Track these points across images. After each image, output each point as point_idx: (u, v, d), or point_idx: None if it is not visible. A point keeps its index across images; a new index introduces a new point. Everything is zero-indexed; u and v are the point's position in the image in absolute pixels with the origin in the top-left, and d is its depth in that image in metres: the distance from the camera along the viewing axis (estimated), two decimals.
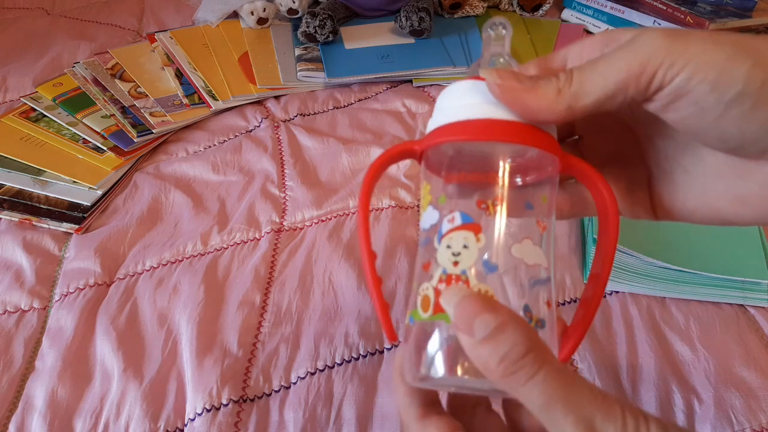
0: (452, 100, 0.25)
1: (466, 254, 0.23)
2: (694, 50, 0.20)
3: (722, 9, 0.78)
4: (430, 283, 0.24)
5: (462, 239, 0.23)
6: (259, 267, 0.52)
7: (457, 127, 0.24)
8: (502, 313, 0.20)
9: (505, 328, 0.20)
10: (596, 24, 0.86)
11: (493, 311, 0.20)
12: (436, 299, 0.23)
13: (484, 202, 0.24)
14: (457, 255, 0.23)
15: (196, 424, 0.41)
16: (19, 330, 0.49)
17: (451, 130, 0.24)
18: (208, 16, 0.88)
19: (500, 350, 0.20)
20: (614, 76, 0.21)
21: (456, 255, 0.23)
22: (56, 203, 0.60)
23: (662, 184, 0.27)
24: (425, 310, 0.23)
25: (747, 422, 0.41)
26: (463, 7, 0.88)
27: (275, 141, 0.68)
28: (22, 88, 0.77)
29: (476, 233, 0.23)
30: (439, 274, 0.23)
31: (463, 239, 0.23)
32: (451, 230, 0.24)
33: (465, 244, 0.23)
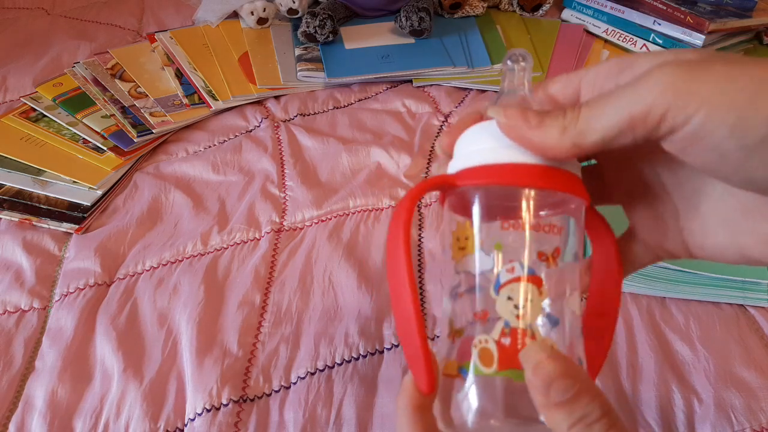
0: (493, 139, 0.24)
1: (530, 307, 0.23)
2: (708, 90, 0.19)
3: (722, 9, 0.78)
4: (490, 335, 0.23)
5: (524, 291, 0.23)
6: (259, 267, 0.52)
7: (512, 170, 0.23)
8: (580, 379, 0.21)
9: (582, 397, 0.20)
10: (596, 24, 0.86)
11: (572, 377, 0.21)
12: (500, 354, 0.22)
13: (544, 254, 0.24)
14: (521, 308, 0.23)
15: (196, 424, 0.41)
16: (19, 330, 0.49)
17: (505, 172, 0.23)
18: (208, 16, 0.88)
19: (574, 416, 0.20)
20: (618, 116, 0.20)
21: (518, 308, 0.23)
22: (56, 203, 0.60)
23: (692, 220, 0.26)
24: (487, 365, 0.22)
25: (747, 422, 0.41)
26: (463, 7, 0.88)
27: (275, 141, 0.68)
28: (22, 88, 0.77)
29: (539, 286, 0.23)
30: (501, 327, 0.23)
31: (526, 292, 0.23)
32: (512, 281, 0.23)
33: (529, 297, 0.23)
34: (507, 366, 0.22)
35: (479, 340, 0.23)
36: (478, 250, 0.24)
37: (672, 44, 0.77)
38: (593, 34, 0.86)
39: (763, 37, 0.84)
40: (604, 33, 0.85)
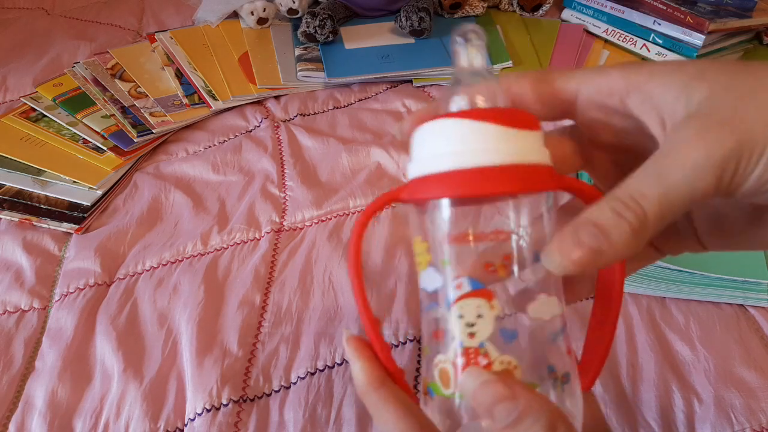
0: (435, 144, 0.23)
1: (482, 324, 0.22)
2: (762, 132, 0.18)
3: (722, 9, 0.78)
4: (446, 356, 0.22)
5: (475, 308, 0.22)
6: (259, 267, 0.52)
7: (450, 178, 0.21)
8: (523, 397, 0.20)
9: (526, 416, 0.20)
10: (596, 24, 0.86)
11: (513, 398, 0.20)
12: (455, 375, 0.22)
13: (492, 265, 0.22)
14: (472, 326, 0.22)
15: (196, 424, 0.41)
16: (19, 330, 0.49)
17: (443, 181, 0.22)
18: (208, 16, 0.88)
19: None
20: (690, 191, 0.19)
21: (470, 326, 0.22)
22: (56, 203, 0.60)
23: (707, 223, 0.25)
24: (446, 386, 0.22)
25: (747, 422, 0.41)
26: (463, 7, 0.88)
27: (275, 141, 0.68)
28: (22, 88, 0.77)
29: (489, 300, 0.22)
30: (455, 348, 0.22)
31: (476, 308, 0.22)
32: (461, 297, 0.22)
33: (479, 314, 0.22)
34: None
35: (438, 360, 0.23)
36: (428, 269, 0.23)
37: (672, 44, 0.77)
38: (593, 34, 0.86)
39: (763, 37, 0.84)
40: (604, 33, 0.85)
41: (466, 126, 0.22)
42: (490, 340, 0.22)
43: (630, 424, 0.41)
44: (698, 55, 0.75)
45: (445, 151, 0.22)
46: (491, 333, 0.22)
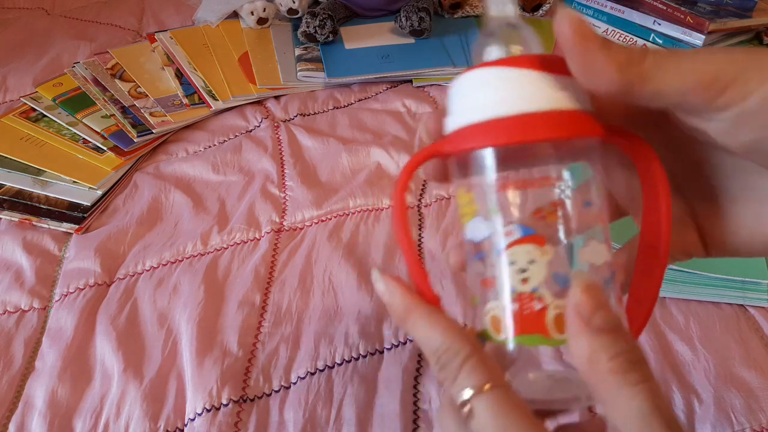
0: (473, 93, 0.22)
1: (534, 269, 0.21)
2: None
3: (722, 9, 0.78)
4: (497, 302, 0.22)
5: (526, 254, 0.22)
6: (259, 267, 0.52)
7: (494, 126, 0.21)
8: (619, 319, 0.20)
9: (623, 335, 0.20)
10: (596, 24, 0.86)
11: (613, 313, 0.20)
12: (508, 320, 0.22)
13: (541, 211, 0.22)
14: (524, 271, 0.22)
15: (196, 424, 0.41)
16: (19, 330, 0.49)
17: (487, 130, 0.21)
18: (208, 16, 0.88)
19: (618, 346, 0.19)
20: (685, 74, 0.19)
21: (523, 271, 0.22)
22: (56, 203, 0.60)
23: (708, 217, 0.25)
24: (498, 332, 0.22)
25: (747, 422, 0.41)
26: (463, 7, 0.88)
27: (275, 141, 0.68)
28: (22, 88, 0.77)
29: (540, 245, 0.22)
30: (507, 293, 0.22)
31: (528, 253, 0.22)
32: (512, 243, 0.22)
33: (531, 259, 0.22)
34: (518, 332, 0.22)
35: (489, 307, 0.22)
36: (478, 219, 0.23)
37: (672, 44, 0.77)
38: None
39: (763, 37, 0.84)
40: (604, 33, 0.85)
41: (506, 73, 0.21)
42: (543, 284, 0.21)
43: None
44: None
45: (486, 101, 0.22)
46: (544, 277, 0.21)
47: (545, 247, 0.22)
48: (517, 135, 0.21)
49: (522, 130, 0.21)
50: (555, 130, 0.21)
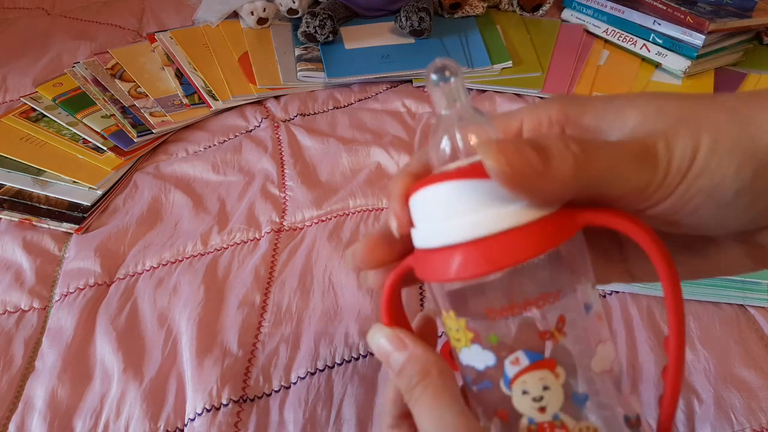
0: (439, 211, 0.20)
1: (550, 396, 0.20)
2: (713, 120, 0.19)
3: (722, 9, 0.78)
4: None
5: (539, 380, 0.20)
6: (259, 267, 0.52)
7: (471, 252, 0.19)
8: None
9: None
10: (596, 24, 0.86)
11: None
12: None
13: (547, 332, 0.21)
14: (540, 399, 0.20)
15: (196, 424, 0.41)
16: (19, 330, 0.49)
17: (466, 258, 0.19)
18: (208, 16, 0.88)
19: None
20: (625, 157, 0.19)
21: (539, 400, 0.20)
22: (56, 203, 0.60)
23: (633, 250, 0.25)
24: None
25: (747, 422, 0.41)
26: (463, 7, 0.88)
27: (275, 141, 0.68)
28: (22, 88, 0.77)
29: (552, 369, 0.20)
30: (527, 425, 0.20)
31: (541, 380, 0.20)
32: (521, 372, 0.20)
33: (545, 385, 0.20)
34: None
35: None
36: (473, 346, 0.21)
37: (672, 44, 0.77)
38: (593, 34, 0.86)
39: (763, 37, 0.84)
40: (604, 33, 0.85)
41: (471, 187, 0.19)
42: (563, 410, 0.20)
43: None
44: (698, 55, 0.75)
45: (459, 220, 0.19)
46: (562, 402, 0.20)
47: (557, 370, 0.20)
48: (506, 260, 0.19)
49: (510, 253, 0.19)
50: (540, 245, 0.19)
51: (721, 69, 0.79)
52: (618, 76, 0.78)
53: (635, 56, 0.81)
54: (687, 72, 0.76)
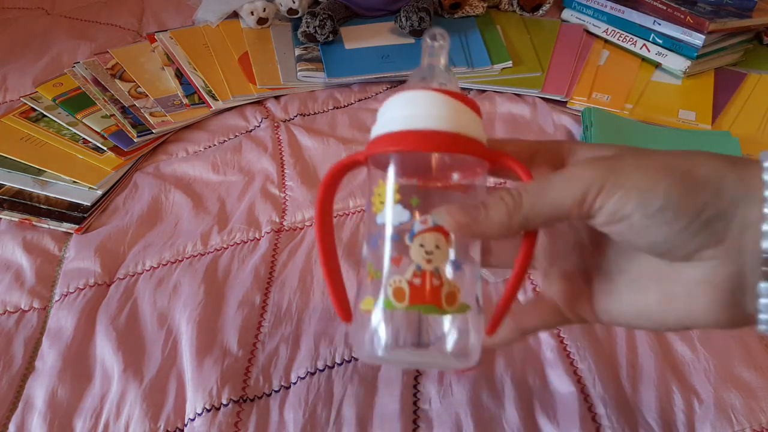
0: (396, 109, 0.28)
1: (438, 254, 0.27)
2: (624, 178, 0.24)
3: (722, 9, 0.78)
4: (403, 276, 0.27)
5: (434, 240, 0.27)
6: (259, 267, 0.52)
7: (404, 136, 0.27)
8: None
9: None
10: (596, 24, 0.86)
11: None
12: (411, 291, 0.27)
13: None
14: (430, 254, 0.27)
15: (196, 424, 0.41)
16: (19, 330, 0.49)
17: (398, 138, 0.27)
18: (208, 16, 0.88)
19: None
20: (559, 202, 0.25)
21: (429, 254, 0.27)
22: (56, 203, 0.60)
23: (602, 285, 0.30)
24: (399, 301, 0.27)
25: (747, 422, 0.41)
26: (463, 7, 0.88)
27: (275, 141, 0.68)
28: (22, 88, 0.77)
29: (446, 236, 0.27)
30: (413, 270, 0.27)
31: (435, 240, 0.27)
32: (425, 231, 0.27)
33: (437, 245, 0.27)
34: (416, 302, 0.27)
35: (393, 280, 0.27)
36: (396, 205, 0.28)
37: (672, 44, 0.77)
38: (593, 34, 0.86)
39: (763, 37, 0.84)
40: (604, 33, 0.85)
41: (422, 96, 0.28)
42: (442, 266, 0.27)
43: (630, 424, 0.41)
44: (698, 55, 0.75)
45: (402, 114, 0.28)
46: (444, 261, 0.27)
47: (449, 239, 0.27)
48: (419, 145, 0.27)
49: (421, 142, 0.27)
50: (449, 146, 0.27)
51: (721, 69, 0.79)
52: (618, 76, 0.78)
53: (635, 56, 0.81)
54: (687, 72, 0.76)
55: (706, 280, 0.25)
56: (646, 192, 0.24)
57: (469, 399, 0.42)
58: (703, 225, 0.24)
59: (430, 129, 0.27)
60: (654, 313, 0.27)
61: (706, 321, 0.25)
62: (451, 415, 0.41)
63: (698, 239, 0.24)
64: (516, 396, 0.42)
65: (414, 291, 0.27)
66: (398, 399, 0.42)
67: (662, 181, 0.24)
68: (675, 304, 0.26)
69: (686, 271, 0.25)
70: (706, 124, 0.69)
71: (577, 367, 0.44)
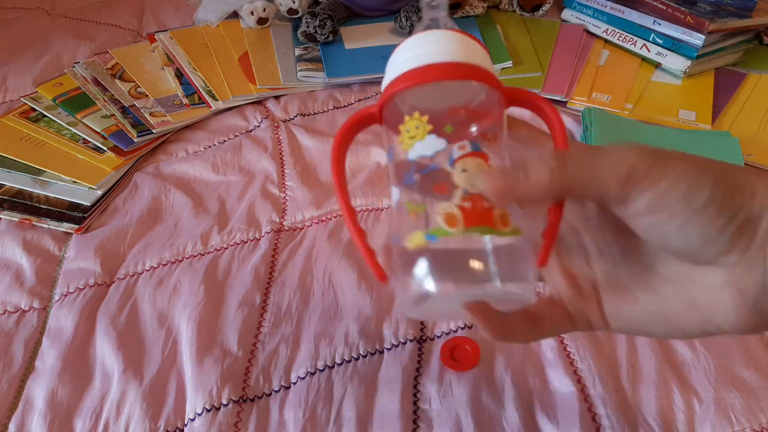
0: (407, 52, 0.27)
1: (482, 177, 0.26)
2: (672, 164, 0.23)
3: (722, 9, 0.78)
4: (451, 202, 0.25)
5: (476, 164, 0.26)
6: (259, 267, 0.52)
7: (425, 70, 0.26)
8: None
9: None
10: (596, 24, 0.86)
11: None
12: (464, 215, 0.25)
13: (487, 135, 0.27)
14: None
15: (196, 424, 0.41)
16: (19, 330, 0.49)
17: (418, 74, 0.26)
18: (208, 16, 0.88)
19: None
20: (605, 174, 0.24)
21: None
22: (56, 203, 0.60)
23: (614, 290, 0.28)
24: (453, 226, 0.25)
25: (747, 422, 0.41)
26: (463, 7, 0.88)
27: (275, 141, 0.68)
28: (22, 88, 0.77)
29: (486, 159, 0.27)
30: (461, 194, 0.26)
31: (477, 164, 0.26)
32: (464, 156, 0.26)
33: (480, 169, 0.26)
34: (472, 224, 0.25)
35: (442, 207, 0.25)
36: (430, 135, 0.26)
37: (672, 44, 0.77)
38: (593, 34, 0.86)
39: (763, 37, 0.84)
40: (604, 33, 0.85)
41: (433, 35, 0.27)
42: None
43: (630, 424, 0.41)
44: (698, 55, 0.75)
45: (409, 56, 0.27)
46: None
47: (489, 162, 0.27)
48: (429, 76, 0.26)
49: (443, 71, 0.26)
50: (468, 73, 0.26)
51: (721, 69, 0.79)
52: (618, 76, 0.78)
53: (635, 56, 0.81)
54: (687, 72, 0.76)
55: (732, 285, 0.24)
56: (694, 183, 0.23)
57: (469, 399, 0.42)
58: (737, 227, 0.23)
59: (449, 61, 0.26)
60: (673, 319, 0.26)
61: (729, 326, 0.25)
62: (451, 415, 0.41)
63: (730, 241, 0.23)
64: (516, 396, 0.42)
65: (467, 214, 0.25)
66: (398, 399, 0.42)
67: (709, 176, 0.23)
68: (697, 309, 0.25)
69: (709, 275, 0.25)
70: (706, 124, 0.69)
71: (577, 367, 0.44)
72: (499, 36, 0.84)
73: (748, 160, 0.63)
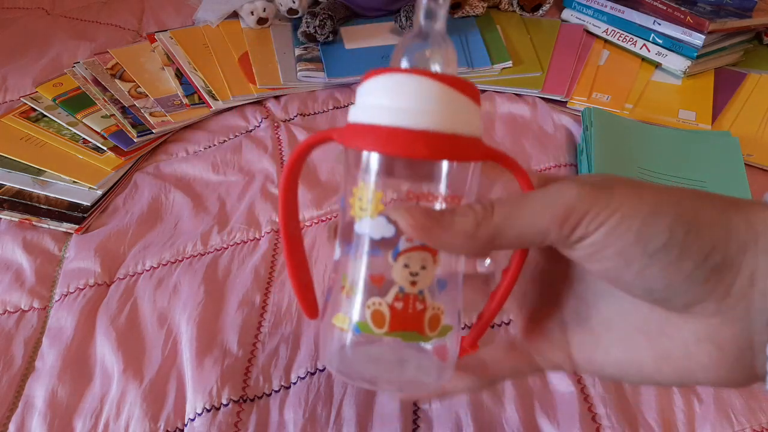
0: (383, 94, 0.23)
1: (424, 275, 0.24)
2: (618, 201, 0.20)
3: (722, 9, 0.78)
4: (384, 298, 0.24)
5: (420, 260, 0.24)
6: (259, 267, 0.52)
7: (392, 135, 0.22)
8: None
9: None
10: (596, 24, 0.86)
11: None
12: (392, 316, 0.24)
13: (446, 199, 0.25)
14: (416, 275, 0.24)
15: (196, 424, 0.41)
16: (19, 330, 0.49)
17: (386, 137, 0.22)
18: (208, 16, 0.88)
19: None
20: (537, 219, 0.21)
21: (414, 275, 0.24)
22: (56, 203, 0.60)
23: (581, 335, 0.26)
24: (378, 326, 0.24)
25: (747, 422, 0.41)
26: (463, 7, 0.88)
27: (275, 141, 0.68)
28: (22, 88, 0.77)
29: (434, 255, 0.24)
30: (396, 293, 0.24)
31: (422, 260, 0.24)
32: (410, 249, 0.24)
33: (423, 265, 0.24)
34: (397, 328, 0.24)
35: (373, 302, 0.24)
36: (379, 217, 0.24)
37: (672, 44, 0.77)
38: (593, 34, 0.86)
39: (763, 37, 0.84)
40: (604, 33, 0.85)
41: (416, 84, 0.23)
42: (427, 289, 0.24)
43: (630, 424, 0.41)
44: (698, 55, 0.75)
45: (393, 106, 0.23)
46: (430, 283, 0.24)
47: (437, 257, 0.24)
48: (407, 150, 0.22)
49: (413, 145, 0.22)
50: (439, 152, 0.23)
51: (721, 69, 0.79)
52: (618, 76, 0.78)
53: (635, 56, 0.81)
54: (687, 72, 0.76)
55: (709, 339, 0.21)
56: (647, 222, 0.20)
57: (469, 399, 0.42)
58: (710, 271, 0.20)
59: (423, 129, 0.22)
60: (646, 370, 0.23)
61: (708, 381, 0.22)
62: (451, 415, 0.41)
63: (703, 288, 0.20)
64: (516, 396, 0.42)
65: (395, 316, 0.24)
66: (398, 399, 0.42)
67: (666, 212, 0.20)
68: (671, 362, 0.23)
69: (684, 325, 0.22)
70: (706, 124, 0.69)
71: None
72: (499, 36, 0.84)
73: (748, 160, 0.63)
